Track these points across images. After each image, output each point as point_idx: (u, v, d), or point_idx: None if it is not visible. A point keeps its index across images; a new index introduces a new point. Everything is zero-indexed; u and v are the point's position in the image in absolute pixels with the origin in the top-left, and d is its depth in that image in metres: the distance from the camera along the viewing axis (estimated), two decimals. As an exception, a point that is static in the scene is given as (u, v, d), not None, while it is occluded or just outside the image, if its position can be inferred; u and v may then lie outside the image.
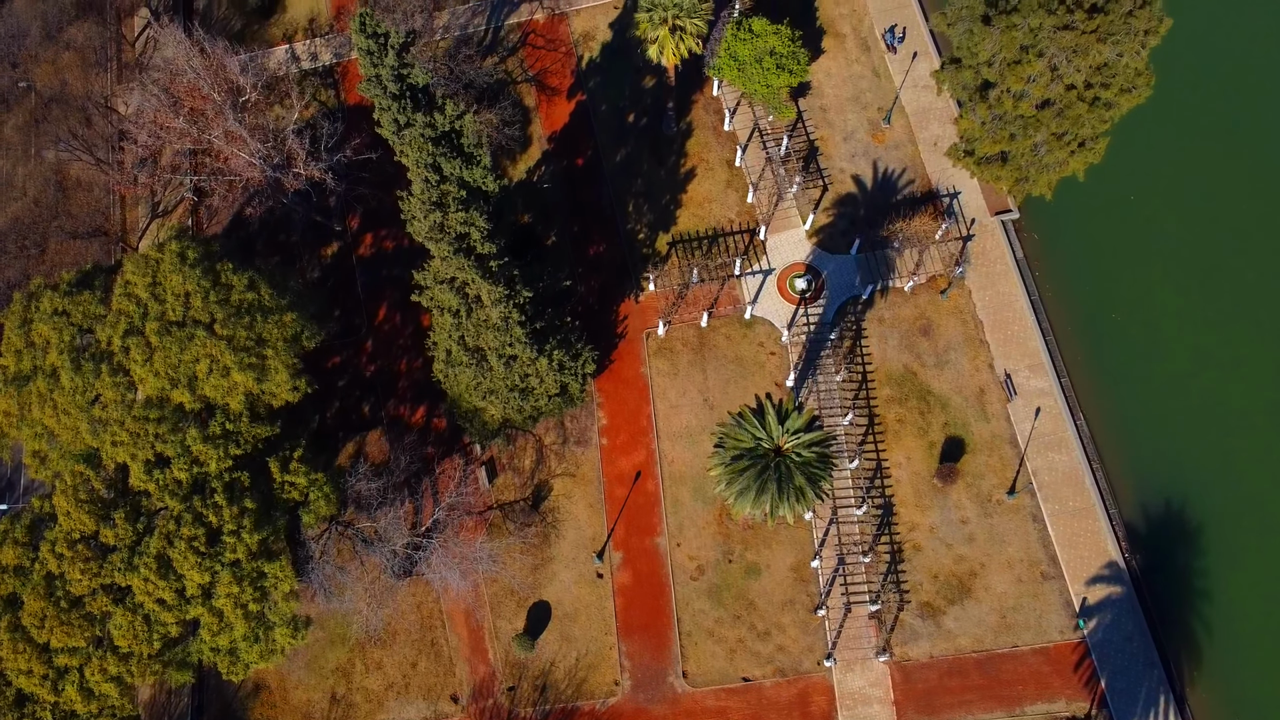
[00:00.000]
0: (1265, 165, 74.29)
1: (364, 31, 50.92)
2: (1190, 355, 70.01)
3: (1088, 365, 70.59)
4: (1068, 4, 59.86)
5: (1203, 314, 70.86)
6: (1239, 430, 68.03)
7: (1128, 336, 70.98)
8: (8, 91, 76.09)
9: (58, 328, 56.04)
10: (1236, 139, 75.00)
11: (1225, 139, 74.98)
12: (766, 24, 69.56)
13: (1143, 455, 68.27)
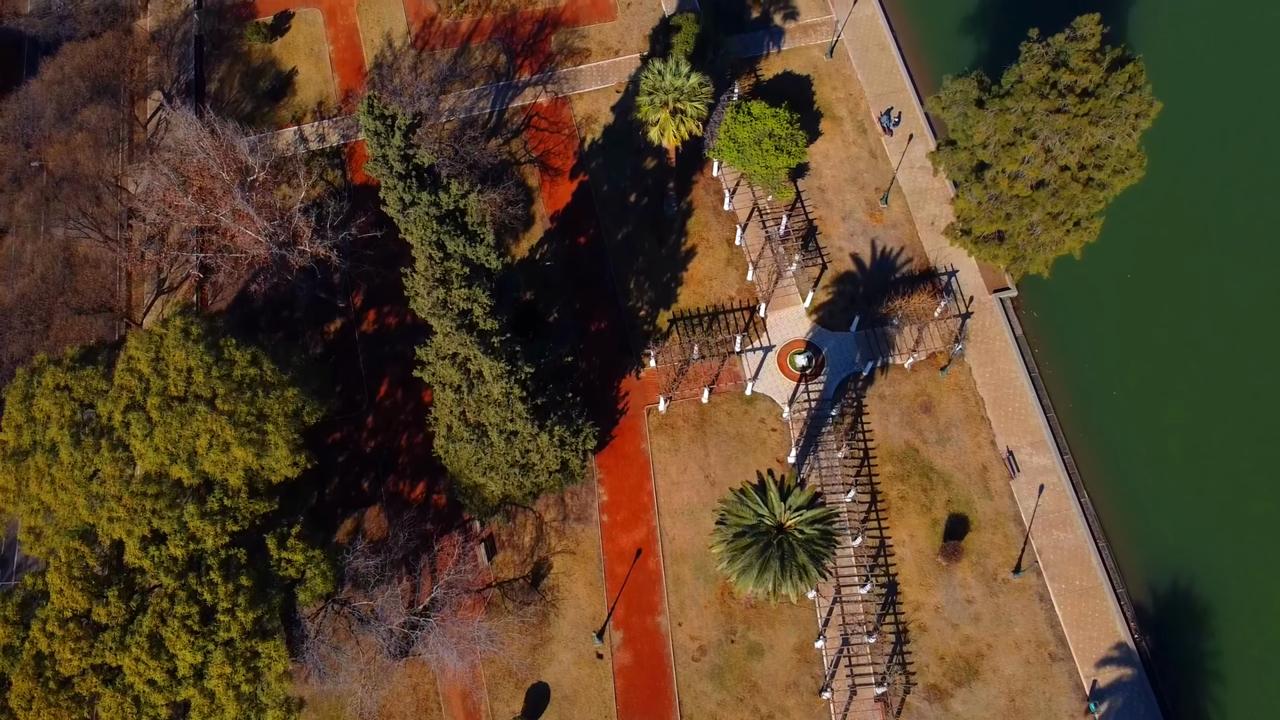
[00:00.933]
0: (1260, 244, 75.24)
1: (371, 113, 52.11)
2: (1192, 432, 69.86)
3: (1090, 442, 70.42)
4: (1059, 88, 61.39)
5: (1203, 390, 70.93)
6: (1245, 506, 67.55)
7: (1129, 413, 70.94)
8: (20, 171, 77.40)
9: (59, 403, 56.04)
10: (1231, 218, 76.12)
11: (1220, 218, 76.11)
12: (765, 107, 71.15)
13: (1149, 533, 67.66)
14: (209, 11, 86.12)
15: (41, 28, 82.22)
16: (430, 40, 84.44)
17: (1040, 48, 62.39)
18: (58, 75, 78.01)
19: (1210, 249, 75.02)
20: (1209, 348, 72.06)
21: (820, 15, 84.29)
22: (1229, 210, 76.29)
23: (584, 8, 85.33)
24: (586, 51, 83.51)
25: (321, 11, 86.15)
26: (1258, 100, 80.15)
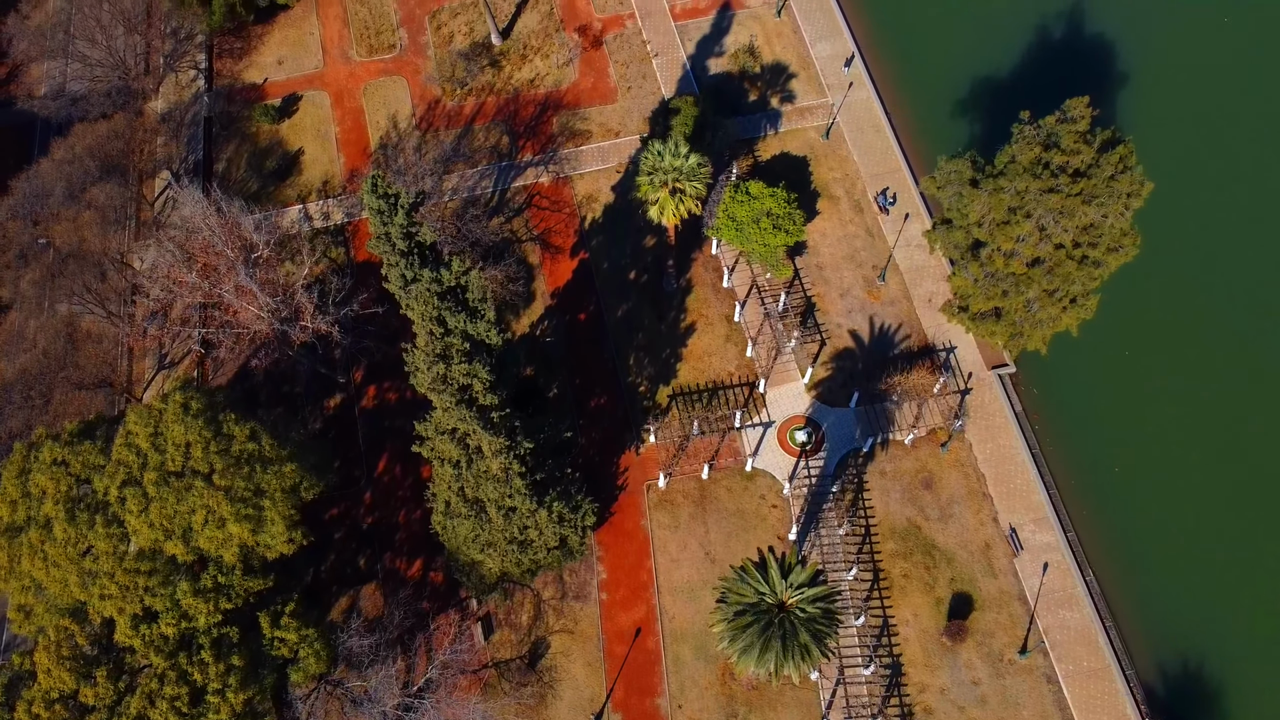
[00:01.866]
0: (1256, 320, 75.72)
1: (375, 192, 52.89)
2: (1197, 508, 69.34)
3: (1094, 519, 69.83)
4: (1052, 169, 62.51)
5: (1206, 467, 70.62)
6: (1255, 584, 66.70)
7: (1132, 490, 70.51)
8: (27, 248, 78.22)
9: (55, 478, 55.71)
10: (1227, 294, 76.76)
11: (1216, 294, 76.75)
12: (763, 187, 72.34)
13: (1157, 612, 66.64)
14: (219, 94, 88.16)
15: (55, 109, 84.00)
16: (434, 122, 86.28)
17: (1032, 129, 63.74)
18: (68, 155, 79.39)
19: (1207, 325, 75.50)
20: (1210, 424, 71.99)
21: (816, 99, 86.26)
22: (1224, 287, 77.00)
23: (585, 91, 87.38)
24: (588, 133, 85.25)
25: (329, 94, 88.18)
26: (1247, 179, 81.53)
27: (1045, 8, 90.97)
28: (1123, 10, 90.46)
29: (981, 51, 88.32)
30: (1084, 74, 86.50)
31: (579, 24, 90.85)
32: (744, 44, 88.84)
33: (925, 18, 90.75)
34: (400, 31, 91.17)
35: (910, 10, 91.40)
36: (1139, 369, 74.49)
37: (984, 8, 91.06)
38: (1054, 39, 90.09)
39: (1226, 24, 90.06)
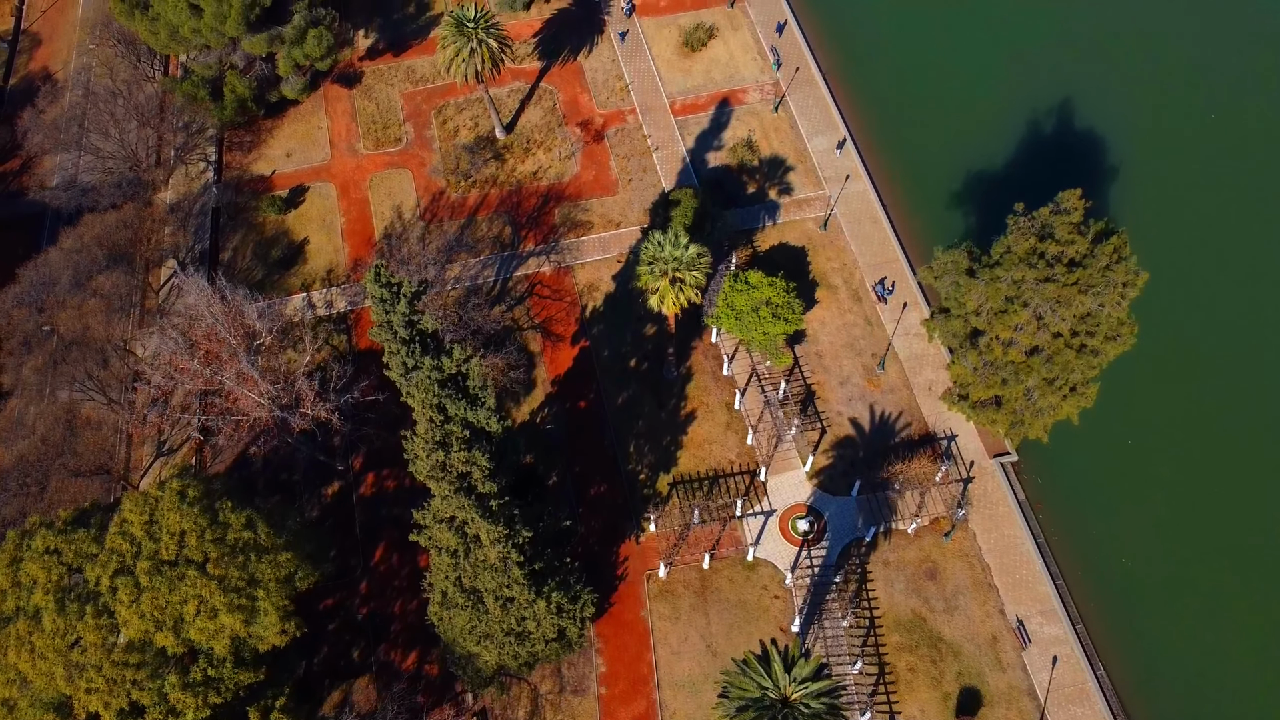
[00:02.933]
0: (1257, 407, 75.69)
1: (378, 281, 53.49)
2: (1208, 601, 68.21)
3: (1104, 611, 68.63)
4: (1047, 259, 63.26)
5: (1216, 558, 69.74)
6: (1270, 678, 65.10)
7: (1142, 581, 69.48)
8: (31, 335, 78.65)
9: (47, 567, 54.92)
10: (1227, 382, 76.89)
11: (1216, 382, 76.88)
12: (762, 276, 73.11)
13: (1171, 708, 64.94)
14: (227, 185, 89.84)
15: (65, 200, 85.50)
16: (438, 213, 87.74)
17: (1026, 220, 64.74)
18: (76, 243, 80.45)
19: (1209, 413, 75.46)
20: (1218, 514, 71.33)
21: (814, 191, 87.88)
22: (1224, 374, 77.22)
23: (587, 183, 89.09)
24: (589, 224, 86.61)
25: (335, 186, 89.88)
26: (1240, 269, 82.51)
27: (1036, 103, 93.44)
28: (1112, 106, 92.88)
29: (975, 145, 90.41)
30: (1076, 167, 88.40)
31: (581, 119, 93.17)
32: (742, 138, 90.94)
33: (919, 112, 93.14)
34: (406, 126, 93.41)
35: (904, 105, 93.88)
36: (1143, 458, 74.16)
37: (976, 103, 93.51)
38: (1046, 133, 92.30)
39: (1212, 120, 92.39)
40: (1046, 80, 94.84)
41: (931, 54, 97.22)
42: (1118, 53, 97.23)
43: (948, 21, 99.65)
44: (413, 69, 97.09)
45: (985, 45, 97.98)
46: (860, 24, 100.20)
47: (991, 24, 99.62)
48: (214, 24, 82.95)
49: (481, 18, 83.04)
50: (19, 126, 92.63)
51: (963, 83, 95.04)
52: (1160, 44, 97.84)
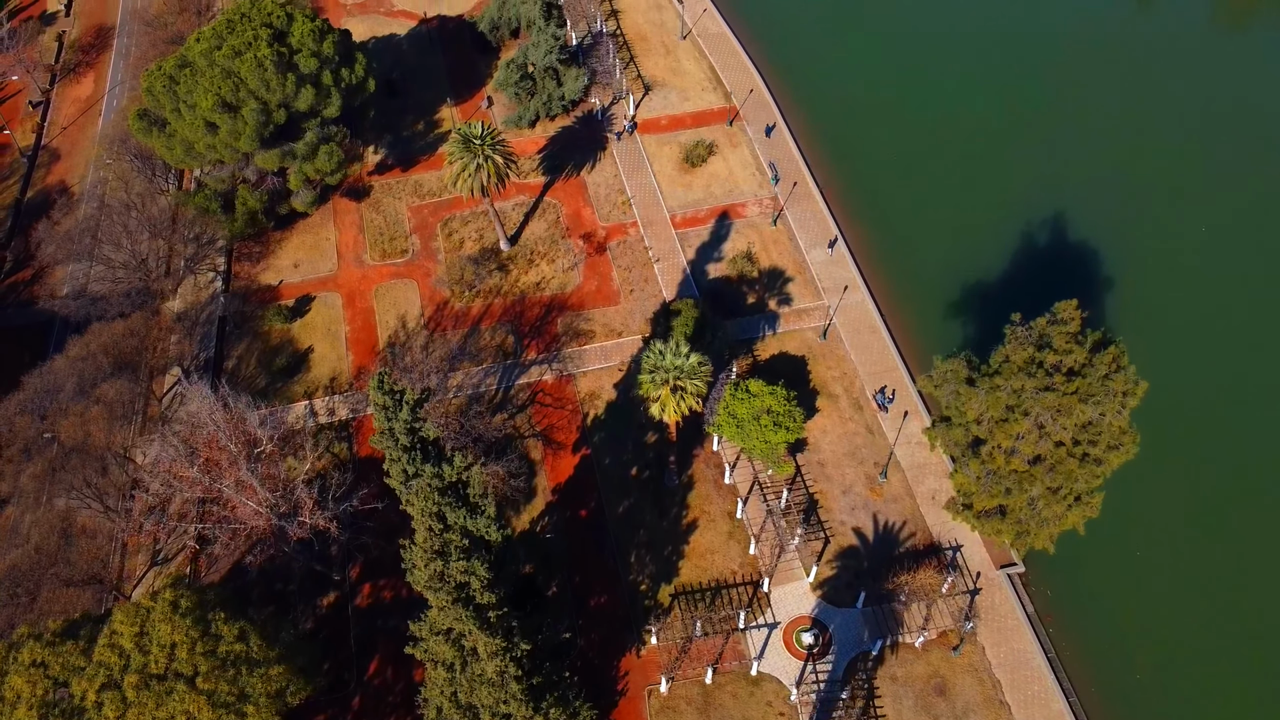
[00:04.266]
0: (1264, 515, 74.94)
1: (382, 388, 53.78)
2: (1225, 714, 66.10)
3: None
4: (1046, 368, 63.66)
5: (1232, 673, 67.96)
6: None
7: (1156, 697, 67.51)
8: (32, 442, 78.55)
9: (32, 680, 53.58)
10: (1234, 492, 76.36)
11: (1221, 491, 76.36)
12: (763, 385, 73.46)
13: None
14: (235, 295, 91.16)
15: (74, 309, 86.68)
16: (442, 322, 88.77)
17: (1024, 330, 65.40)
18: (83, 352, 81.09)
19: (1217, 524, 74.69)
20: (1230, 624, 69.85)
21: (813, 301, 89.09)
22: (1231, 484, 76.75)
23: (589, 293, 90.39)
24: (591, 333, 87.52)
25: (341, 295, 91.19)
26: (1239, 378, 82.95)
27: (1030, 215, 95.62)
28: (1105, 217, 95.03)
29: (971, 255, 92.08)
30: (1070, 277, 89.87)
31: (584, 231, 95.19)
32: (742, 250, 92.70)
33: (915, 224, 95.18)
34: (413, 238, 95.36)
35: (900, 218, 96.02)
36: (1152, 569, 73.09)
37: (971, 214, 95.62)
38: (1040, 244, 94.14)
39: (1204, 233, 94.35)
40: (1039, 192, 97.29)
41: (926, 167, 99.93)
42: (1109, 165, 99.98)
43: (941, 135, 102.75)
44: (420, 183, 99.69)
45: (978, 158, 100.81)
46: (856, 140, 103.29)
47: (984, 137, 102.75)
48: (229, 140, 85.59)
49: (488, 135, 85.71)
50: (33, 238, 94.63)
51: (957, 195, 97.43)
52: (1151, 158, 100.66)
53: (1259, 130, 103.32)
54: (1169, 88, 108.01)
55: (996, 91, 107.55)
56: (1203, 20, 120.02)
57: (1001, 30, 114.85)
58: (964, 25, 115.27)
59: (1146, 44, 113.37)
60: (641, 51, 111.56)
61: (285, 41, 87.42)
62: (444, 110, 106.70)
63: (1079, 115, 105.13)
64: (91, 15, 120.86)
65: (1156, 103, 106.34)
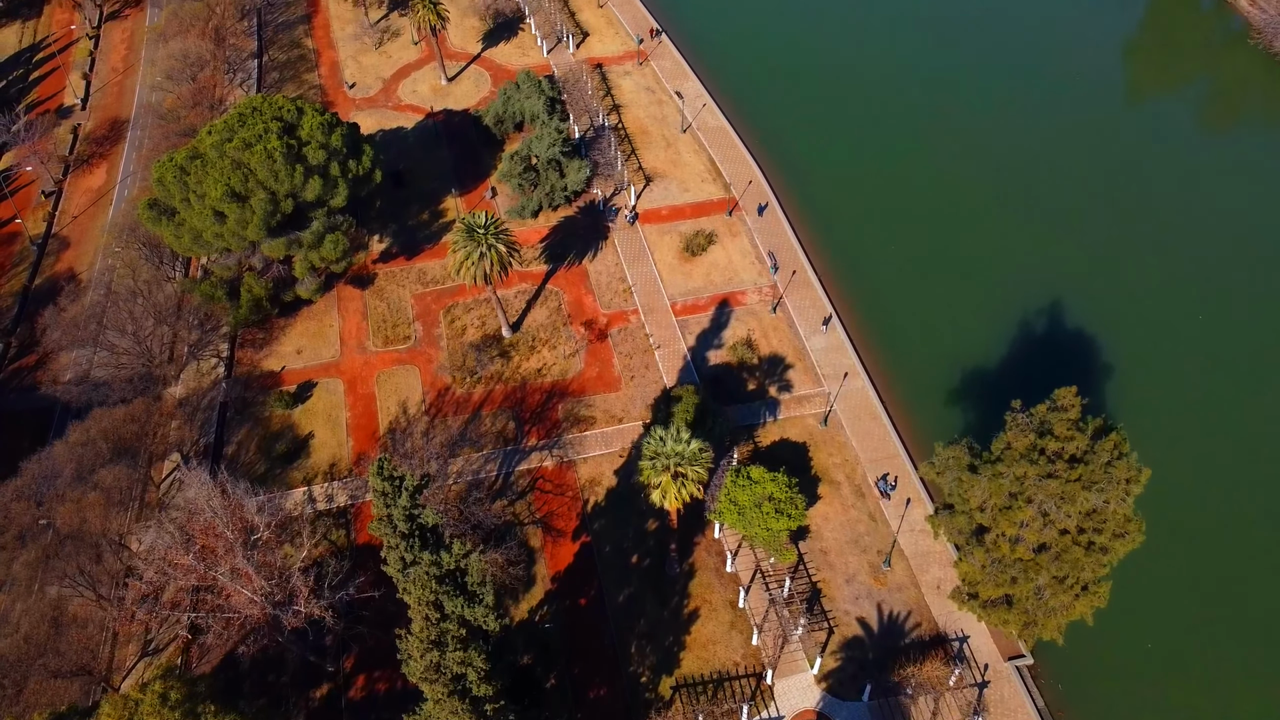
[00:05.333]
0: (1275, 603, 73.80)
1: (381, 475, 53.65)
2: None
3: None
4: (1048, 454, 63.49)
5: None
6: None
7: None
8: (27, 529, 77.83)
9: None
10: (1240, 579, 75.33)
11: (1230, 579, 75.34)
12: (764, 471, 73.12)
13: None
14: (237, 381, 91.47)
15: (76, 395, 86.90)
16: (444, 408, 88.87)
17: (1024, 417, 65.43)
18: (83, 437, 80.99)
19: (1226, 613, 73.49)
20: (1246, 716, 68.23)
21: (813, 388, 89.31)
22: (1237, 571, 75.74)
23: (590, 380, 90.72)
24: (592, 419, 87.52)
25: (343, 382, 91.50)
26: (1244, 467, 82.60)
27: (1027, 302, 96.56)
28: (1101, 306, 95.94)
29: (970, 342, 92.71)
30: (1068, 364, 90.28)
31: (586, 319, 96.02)
32: (742, 337, 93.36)
33: (915, 313, 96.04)
34: (415, 325, 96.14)
35: (900, 306, 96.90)
36: (1165, 661, 71.64)
37: (970, 301, 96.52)
38: (1037, 331, 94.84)
39: (1201, 320, 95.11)
40: (1035, 280, 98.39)
41: (924, 256, 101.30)
42: (1105, 254, 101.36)
43: (938, 225, 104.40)
44: (424, 271, 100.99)
45: (975, 246, 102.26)
46: (854, 229, 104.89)
47: (981, 225, 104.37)
48: (236, 229, 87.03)
49: (491, 224, 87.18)
50: (39, 324, 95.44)
51: (955, 283, 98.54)
52: (1146, 249, 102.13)
53: (1247, 225, 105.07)
54: (1160, 183, 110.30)
55: (993, 181, 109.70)
56: (1190, 123, 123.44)
57: (999, 123, 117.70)
58: (962, 120, 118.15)
59: (1139, 142, 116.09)
60: (643, 144, 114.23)
61: (295, 134, 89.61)
62: (449, 200, 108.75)
63: (1074, 205, 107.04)
64: (107, 109, 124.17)
65: (1150, 196, 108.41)
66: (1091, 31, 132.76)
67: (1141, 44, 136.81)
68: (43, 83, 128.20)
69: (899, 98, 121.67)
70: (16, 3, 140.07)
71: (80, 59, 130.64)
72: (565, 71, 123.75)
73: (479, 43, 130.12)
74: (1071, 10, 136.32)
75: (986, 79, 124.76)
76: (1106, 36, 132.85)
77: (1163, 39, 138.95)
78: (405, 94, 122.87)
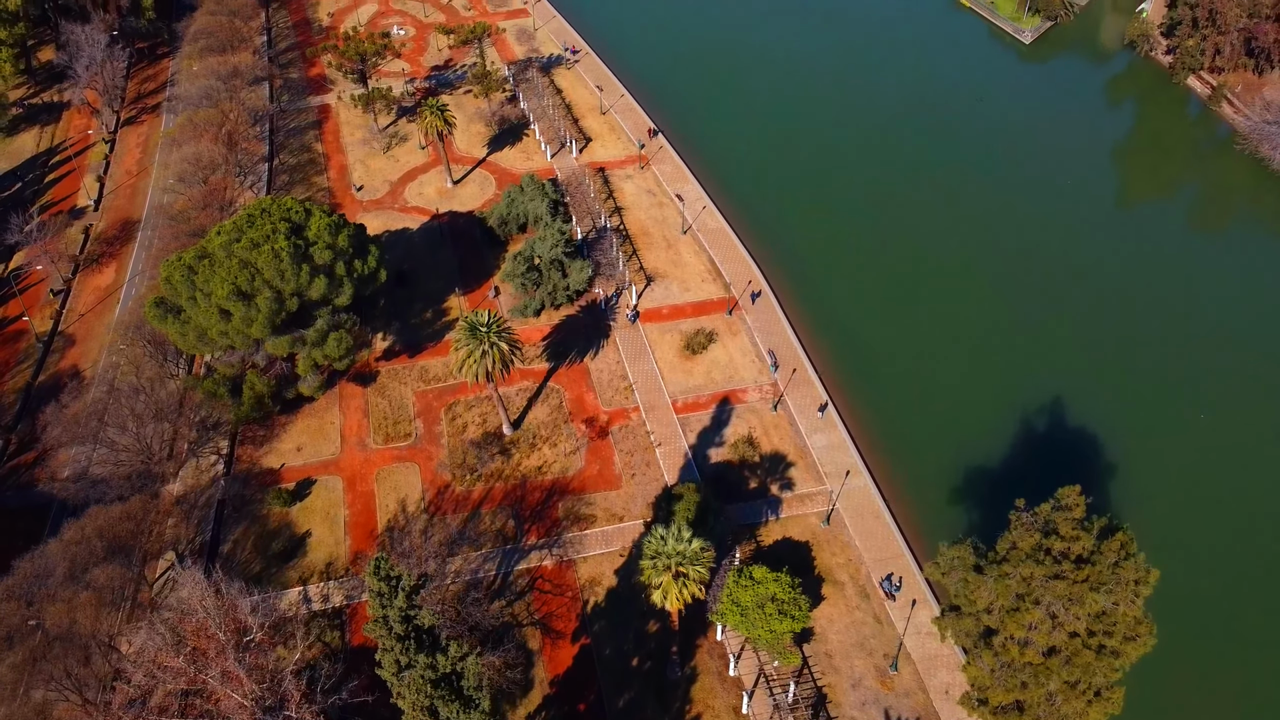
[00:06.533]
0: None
1: (378, 574, 52.99)
2: None
3: None
4: (1054, 554, 62.69)
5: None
6: None
7: None
8: (16, 629, 76.27)
9: None
10: (1257, 684, 73.43)
11: (1247, 686, 73.45)
12: (766, 572, 72.10)
13: None
14: (236, 478, 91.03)
15: (74, 492, 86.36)
16: (443, 506, 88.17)
17: (1029, 516, 64.85)
18: (77, 535, 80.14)
19: (1247, 717, 71.58)
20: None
21: (815, 486, 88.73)
22: (1254, 675, 73.89)
23: (591, 477, 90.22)
24: (592, 517, 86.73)
25: (342, 479, 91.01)
26: (1255, 560, 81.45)
27: (1026, 399, 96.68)
28: (1102, 404, 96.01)
29: (972, 441, 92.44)
30: (1071, 462, 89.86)
31: (586, 416, 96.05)
32: (743, 435, 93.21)
33: (915, 411, 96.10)
34: (417, 422, 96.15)
35: (901, 404, 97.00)
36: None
37: (970, 400, 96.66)
38: (1039, 429, 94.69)
39: (1202, 420, 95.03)
40: (1035, 379, 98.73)
41: (925, 354, 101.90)
42: (1104, 354, 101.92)
43: (939, 325, 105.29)
44: (426, 369, 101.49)
45: (976, 345, 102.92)
46: (854, 328, 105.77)
47: (982, 325, 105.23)
48: (241, 327, 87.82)
49: (494, 322, 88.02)
50: (40, 421, 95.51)
51: (956, 381, 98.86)
52: (1145, 349, 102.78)
53: (1242, 324, 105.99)
54: (1156, 282, 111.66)
55: (990, 278, 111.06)
56: (1182, 224, 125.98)
57: (996, 221, 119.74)
58: (959, 217, 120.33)
59: (1134, 242, 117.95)
60: (644, 245, 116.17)
61: (302, 234, 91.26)
62: (452, 299, 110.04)
63: (1072, 302, 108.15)
64: (119, 210, 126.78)
65: (1146, 296, 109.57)
66: (1083, 135, 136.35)
67: (1132, 148, 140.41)
68: (58, 185, 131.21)
69: (897, 196, 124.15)
70: (37, 109, 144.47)
71: (95, 162, 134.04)
72: (568, 175, 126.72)
73: (484, 147, 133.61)
74: (1063, 115, 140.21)
75: (983, 177, 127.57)
76: (1098, 141, 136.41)
77: (1152, 143, 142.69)
78: (412, 196, 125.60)
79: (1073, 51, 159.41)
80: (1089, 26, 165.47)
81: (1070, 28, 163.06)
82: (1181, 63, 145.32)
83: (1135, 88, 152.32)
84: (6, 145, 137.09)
